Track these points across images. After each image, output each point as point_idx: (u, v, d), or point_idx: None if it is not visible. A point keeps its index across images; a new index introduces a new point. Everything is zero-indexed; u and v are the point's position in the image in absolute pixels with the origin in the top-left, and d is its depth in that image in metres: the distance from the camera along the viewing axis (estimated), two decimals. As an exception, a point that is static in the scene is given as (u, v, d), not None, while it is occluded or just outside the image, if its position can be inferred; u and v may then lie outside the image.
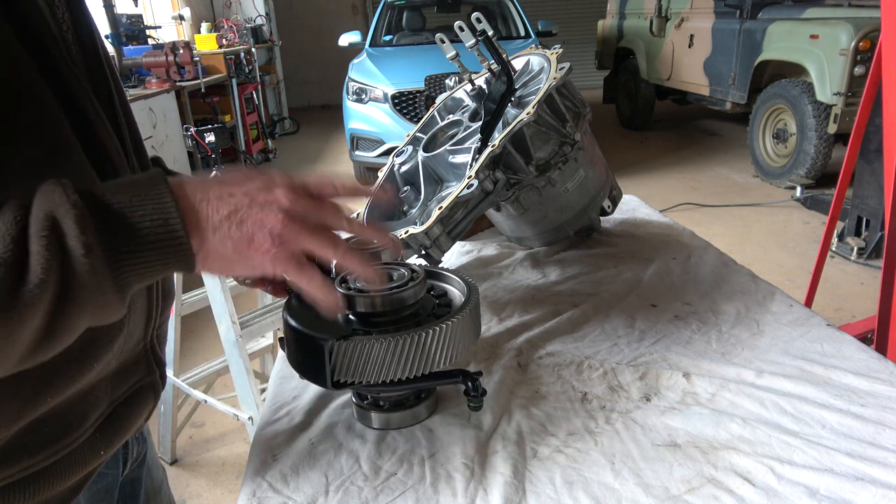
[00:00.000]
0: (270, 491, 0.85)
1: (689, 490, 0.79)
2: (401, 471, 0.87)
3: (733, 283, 1.38)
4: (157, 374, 0.85)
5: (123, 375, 0.78)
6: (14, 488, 0.67)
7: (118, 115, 0.77)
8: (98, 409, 0.74)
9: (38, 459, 0.68)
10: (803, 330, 1.16)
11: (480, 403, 0.92)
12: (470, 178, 1.28)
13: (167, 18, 8.18)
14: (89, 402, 0.72)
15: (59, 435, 0.69)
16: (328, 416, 1.00)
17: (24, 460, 0.66)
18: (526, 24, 6.97)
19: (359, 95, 5.95)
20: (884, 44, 2.02)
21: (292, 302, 0.91)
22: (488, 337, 1.21)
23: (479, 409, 0.94)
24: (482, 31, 1.43)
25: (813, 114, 5.27)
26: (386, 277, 0.90)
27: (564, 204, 1.50)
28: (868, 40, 4.73)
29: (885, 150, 2.06)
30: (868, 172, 3.92)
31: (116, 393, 0.77)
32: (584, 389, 1.03)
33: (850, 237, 4.16)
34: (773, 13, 5.94)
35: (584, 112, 1.47)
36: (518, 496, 0.80)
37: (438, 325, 0.84)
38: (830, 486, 0.78)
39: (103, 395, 0.74)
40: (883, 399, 0.94)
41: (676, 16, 7.26)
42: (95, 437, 0.75)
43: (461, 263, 1.63)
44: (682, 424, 0.92)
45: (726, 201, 5.44)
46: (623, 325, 1.22)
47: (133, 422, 0.82)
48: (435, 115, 1.72)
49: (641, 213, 1.90)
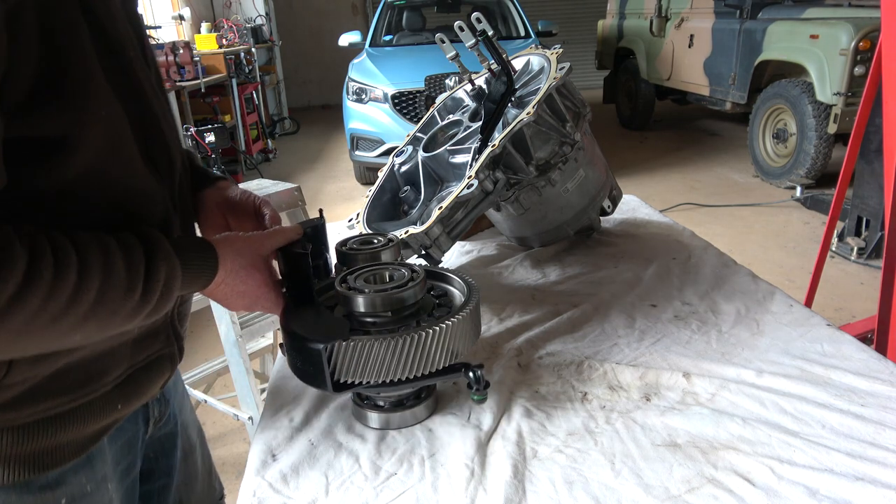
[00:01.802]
0: (270, 491, 0.85)
1: (689, 490, 0.79)
2: (401, 471, 0.87)
3: (733, 283, 1.38)
4: (176, 347, 0.96)
5: (144, 343, 0.89)
6: (39, 426, 0.78)
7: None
8: (118, 369, 0.85)
9: (61, 402, 0.79)
10: (803, 330, 1.16)
11: (485, 396, 0.91)
12: (470, 178, 1.28)
13: (167, 18, 8.17)
14: (110, 362, 0.83)
15: (81, 384, 0.81)
16: (328, 416, 1.00)
17: (48, 401, 0.78)
18: (526, 24, 6.97)
19: (359, 95, 5.95)
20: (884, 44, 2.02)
21: (289, 308, 0.91)
22: (488, 337, 1.21)
23: (483, 401, 0.94)
24: (482, 31, 1.43)
25: (813, 114, 5.27)
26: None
27: (564, 204, 1.50)
28: (868, 40, 4.73)
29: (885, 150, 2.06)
30: (868, 172, 3.92)
31: (136, 358, 0.88)
32: (584, 389, 1.03)
33: (850, 237, 4.16)
34: (773, 13, 5.93)
35: (584, 112, 1.47)
36: (518, 496, 0.80)
37: (438, 325, 0.84)
38: (830, 486, 0.78)
39: (124, 358, 0.86)
40: (883, 399, 0.94)
41: (676, 16, 7.26)
42: (114, 392, 0.86)
43: (461, 263, 1.63)
44: (682, 424, 0.92)
45: (726, 201, 5.44)
46: (623, 325, 1.22)
47: (150, 386, 0.93)
48: (435, 115, 1.72)
49: (641, 213, 1.90)
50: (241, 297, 0.89)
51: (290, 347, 0.88)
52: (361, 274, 0.95)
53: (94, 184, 0.75)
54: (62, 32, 0.68)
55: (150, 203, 0.84)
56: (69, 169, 0.72)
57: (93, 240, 0.71)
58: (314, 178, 7.05)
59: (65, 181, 0.72)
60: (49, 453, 0.80)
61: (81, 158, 0.72)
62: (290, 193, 2.30)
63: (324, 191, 5.96)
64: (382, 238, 1.08)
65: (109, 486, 0.90)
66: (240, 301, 0.90)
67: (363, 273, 0.96)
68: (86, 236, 0.71)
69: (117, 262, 0.71)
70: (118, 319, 0.72)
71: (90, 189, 0.75)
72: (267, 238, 0.91)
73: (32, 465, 0.79)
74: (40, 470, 0.80)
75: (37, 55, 0.66)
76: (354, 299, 0.89)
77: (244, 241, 0.88)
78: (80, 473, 0.85)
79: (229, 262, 0.85)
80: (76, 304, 0.67)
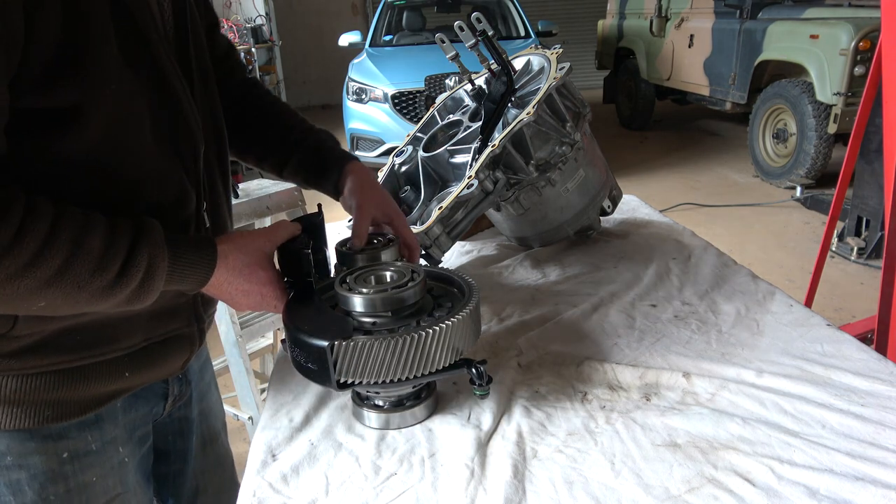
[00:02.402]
0: (270, 491, 0.85)
1: (689, 490, 0.79)
2: (401, 471, 0.87)
3: (733, 283, 1.38)
4: (196, 329, 0.98)
5: (162, 320, 0.91)
6: (43, 378, 0.82)
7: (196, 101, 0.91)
8: (132, 339, 0.88)
9: (67, 359, 0.83)
10: (803, 330, 1.16)
11: (487, 391, 0.91)
12: (470, 178, 1.28)
13: (167, 18, 8.17)
14: (123, 330, 0.86)
15: (88, 345, 0.84)
16: (328, 416, 1.00)
17: (53, 356, 0.82)
18: (526, 24, 6.97)
19: (359, 95, 5.95)
20: (884, 44, 2.02)
21: (292, 305, 0.91)
22: (488, 337, 1.21)
23: (486, 396, 0.94)
24: (482, 31, 1.43)
25: (813, 114, 5.27)
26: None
27: (564, 204, 1.50)
28: (868, 40, 4.73)
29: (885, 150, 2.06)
30: (868, 172, 3.92)
31: (152, 332, 0.91)
32: (584, 389, 1.03)
33: (850, 237, 4.16)
34: (773, 13, 5.93)
35: (584, 112, 1.47)
36: (518, 496, 0.80)
37: (438, 324, 0.84)
38: (830, 486, 0.78)
39: (138, 328, 0.88)
40: (883, 399, 0.94)
41: (676, 16, 7.26)
42: (123, 359, 0.88)
43: (461, 263, 1.63)
44: (682, 424, 0.92)
45: (726, 201, 5.44)
46: (623, 325, 1.22)
47: (165, 362, 0.95)
48: (435, 115, 1.72)
49: (641, 213, 1.90)
50: (246, 296, 0.89)
51: (293, 344, 0.88)
52: (361, 274, 0.95)
53: (103, 158, 0.76)
54: (84, 4, 0.70)
55: (163, 183, 0.85)
56: (78, 141, 0.73)
57: (78, 216, 0.72)
58: (314, 178, 7.02)
59: (73, 153, 0.74)
60: (51, 406, 0.84)
61: (92, 131, 0.74)
62: (290, 193, 2.31)
63: (324, 191, 5.96)
64: (382, 238, 1.08)
65: (121, 449, 0.93)
66: (245, 300, 0.90)
67: (363, 273, 0.96)
68: (75, 212, 0.72)
69: (94, 239, 0.72)
70: (85, 295, 0.73)
71: (98, 163, 0.76)
72: (269, 234, 0.91)
73: (34, 415, 0.83)
74: (42, 421, 0.84)
75: (59, 30, 0.68)
76: (354, 299, 0.89)
77: (247, 238, 0.89)
78: (86, 432, 0.89)
79: (231, 260, 0.85)
80: (35, 268, 0.68)
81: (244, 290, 0.88)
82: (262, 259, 0.89)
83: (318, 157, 1.14)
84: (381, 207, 1.10)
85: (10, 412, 0.82)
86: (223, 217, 1.01)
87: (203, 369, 1.16)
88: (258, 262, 0.88)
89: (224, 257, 0.84)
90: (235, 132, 1.12)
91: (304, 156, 1.14)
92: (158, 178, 0.84)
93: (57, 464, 0.86)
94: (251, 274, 0.87)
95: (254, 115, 1.17)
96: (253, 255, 0.88)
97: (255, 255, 0.88)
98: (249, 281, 0.88)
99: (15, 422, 0.82)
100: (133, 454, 0.97)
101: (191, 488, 1.12)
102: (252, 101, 1.18)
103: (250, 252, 0.87)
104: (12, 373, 0.81)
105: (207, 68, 0.97)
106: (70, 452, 0.87)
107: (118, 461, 0.93)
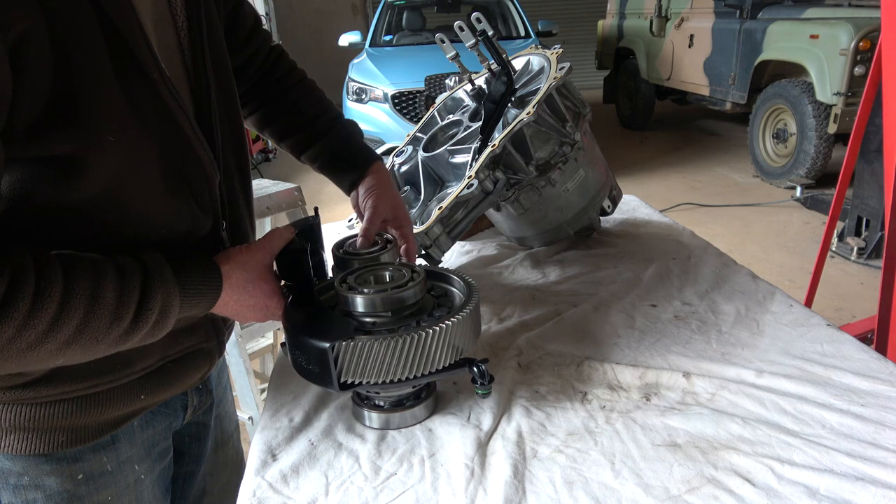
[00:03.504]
0: (270, 491, 0.85)
1: (689, 490, 0.79)
2: (401, 471, 0.87)
3: (733, 283, 1.38)
4: (216, 342, 0.97)
5: (180, 337, 0.89)
6: (58, 406, 0.81)
7: (213, 120, 0.89)
8: (147, 360, 0.86)
9: (82, 387, 0.82)
10: (803, 330, 1.16)
11: (489, 390, 0.91)
12: (470, 178, 1.28)
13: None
14: (136, 352, 0.83)
15: (102, 371, 0.82)
16: (328, 416, 1.00)
17: (68, 384, 0.81)
18: (526, 24, 6.97)
19: (359, 95, 5.95)
20: (884, 44, 2.02)
21: (291, 308, 0.91)
22: (488, 337, 1.21)
23: (487, 395, 0.94)
24: (482, 31, 1.43)
25: (813, 114, 5.26)
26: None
27: (564, 204, 1.50)
28: (868, 40, 4.73)
29: (885, 150, 2.06)
30: (868, 172, 3.92)
31: (170, 350, 0.89)
32: (584, 389, 1.02)
33: (850, 237, 4.16)
34: (773, 13, 5.93)
35: (584, 112, 1.46)
36: (518, 496, 0.80)
37: (438, 325, 0.84)
38: (830, 486, 0.78)
39: (155, 349, 0.85)
40: (883, 399, 0.94)
41: (676, 16, 7.26)
42: (139, 382, 0.87)
43: (461, 263, 1.63)
44: (682, 424, 0.92)
45: (726, 201, 5.44)
46: (623, 325, 1.22)
47: (183, 380, 0.94)
48: (435, 115, 1.72)
49: (641, 213, 1.90)
50: (252, 311, 0.90)
51: (293, 346, 0.88)
52: (361, 274, 0.95)
53: (108, 205, 0.75)
54: (78, 51, 0.67)
55: (173, 217, 0.83)
56: (81, 189, 0.72)
57: (87, 265, 0.70)
58: (314, 178, 7.00)
59: (76, 201, 0.72)
60: (65, 432, 0.83)
61: (94, 180, 0.72)
62: (290, 193, 2.31)
63: (323, 191, 5.95)
64: (380, 239, 1.08)
65: (137, 467, 0.93)
66: (251, 314, 0.90)
67: (363, 273, 0.96)
68: (83, 260, 0.70)
69: (107, 290, 0.70)
70: (102, 346, 0.73)
71: (104, 210, 0.75)
72: (267, 246, 0.91)
73: (48, 441, 0.83)
74: (56, 447, 0.83)
75: (51, 80, 0.65)
76: (354, 299, 0.89)
77: (246, 254, 0.88)
78: (101, 453, 0.88)
79: (235, 279, 0.85)
80: (55, 332, 0.67)
81: (250, 304, 0.89)
82: (263, 273, 0.89)
83: (345, 149, 1.14)
84: (394, 211, 1.11)
85: (25, 438, 0.82)
86: (244, 230, 1.00)
87: (221, 374, 1.16)
88: (261, 276, 0.88)
89: (228, 278, 0.84)
90: (258, 108, 1.11)
91: (329, 144, 1.14)
92: (168, 215, 0.82)
93: (72, 485, 0.87)
94: (255, 289, 0.88)
95: (278, 94, 1.16)
96: (254, 270, 0.88)
97: (256, 271, 0.88)
98: (254, 296, 0.88)
99: (29, 447, 0.82)
100: (151, 470, 0.96)
101: (198, 489, 1.12)
102: (279, 78, 1.17)
103: (252, 268, 0.88)
104: (26, 402, 0.80)
105: (226, 68, 0.95)
106: (85, 474, 0.88)
107: (134, 479, 0.93)
